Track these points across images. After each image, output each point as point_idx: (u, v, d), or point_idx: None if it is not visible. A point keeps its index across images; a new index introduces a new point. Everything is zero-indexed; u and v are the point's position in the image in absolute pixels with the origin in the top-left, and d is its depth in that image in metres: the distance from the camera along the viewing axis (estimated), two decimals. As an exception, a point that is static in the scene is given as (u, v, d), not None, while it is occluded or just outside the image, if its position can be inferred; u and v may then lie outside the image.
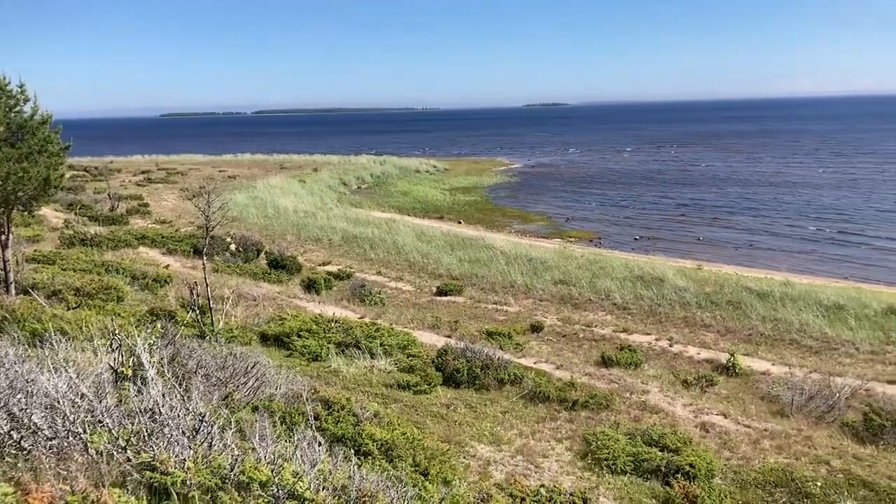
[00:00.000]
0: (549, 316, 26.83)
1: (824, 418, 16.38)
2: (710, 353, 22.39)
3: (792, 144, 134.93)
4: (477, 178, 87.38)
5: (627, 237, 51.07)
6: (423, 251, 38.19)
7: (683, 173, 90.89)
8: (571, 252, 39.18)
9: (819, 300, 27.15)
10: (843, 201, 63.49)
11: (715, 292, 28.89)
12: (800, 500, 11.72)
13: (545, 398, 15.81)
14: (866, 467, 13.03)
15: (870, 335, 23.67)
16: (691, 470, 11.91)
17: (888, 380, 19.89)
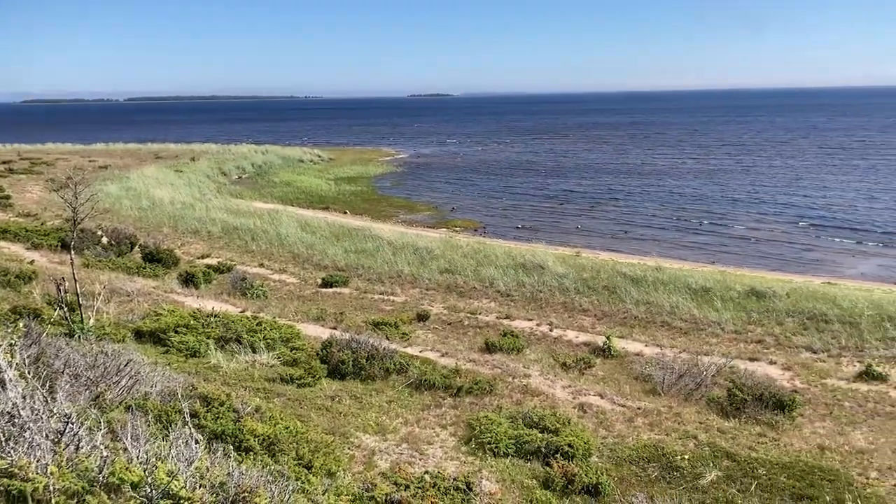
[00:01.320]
0: (436, 304, 27.07)
1: (693, 395, 17.34)
2: (587, 336, 23.25)
3: (658, 136, 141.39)
4: (363, 168, 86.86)
5: (510, 226, 52.18)
6: (308, 242, 37.66)
7: (560, 164, 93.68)
8: (457, 241, 39.64)
9: (688, 284, 28.65)
10: (704, 190, 67.16)
11: (592, 278, 29.96)
12: (670, 473, 12.38)
13: (431, 386, 15.97)
14: (730, 439, 13.90)
15: (733, 316, 25.21)
16: (570, 450, 12.35)
17: (750, 357, 21.30)
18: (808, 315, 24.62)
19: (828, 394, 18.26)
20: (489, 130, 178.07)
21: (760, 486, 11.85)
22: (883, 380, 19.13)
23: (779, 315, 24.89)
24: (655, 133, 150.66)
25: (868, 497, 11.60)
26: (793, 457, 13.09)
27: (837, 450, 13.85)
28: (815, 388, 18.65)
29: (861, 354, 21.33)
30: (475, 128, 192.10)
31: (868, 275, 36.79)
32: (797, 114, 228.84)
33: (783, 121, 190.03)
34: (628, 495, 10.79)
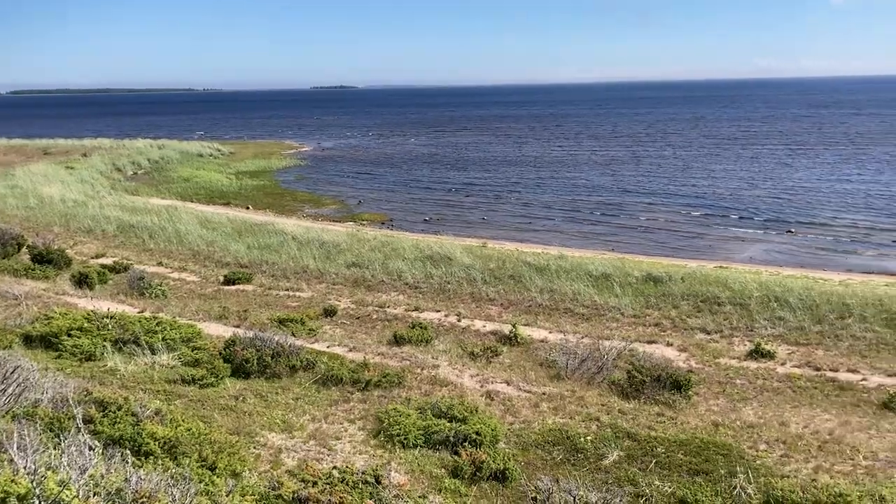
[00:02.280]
0: (343, 299, 26.86)
1: (595, 379, 17.86)
2: (494, 325, 23.58)
3: (557, 128, 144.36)
4: (265, 162, 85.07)
5: (417, 218, 52.29)
6: (209, 239, 36.64)
7: (463, 156, 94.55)
8: (364, 235, 39.43)
9: (589, 271, 29.45)
10: (602, 180, 69.13)
11: (498, 268, 30.40)
12: (574, 455, 12.74)
13: (338, 381, 15.86)
14: (630, 420, 14.41)
15: (632, 301, 26.08)
16: (478, 437, 12.52)
17: (648, 340, 22.10)
18: (701, 298, 25.72)
19: (721, 372, 19.17)
20: (393, 123, 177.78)
21: (659, 464, 12.34)
22: (771, 357, 20.22)
23: (675, 299, 25.90)
24: (554, 125, 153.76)
25: (758, 468, 12.25)
26: (689, 434, 13.69)
27: (730, 425, 14.56)
28: (709, 368, 19.54)
29: (751, 334, 22.48)
30: (380, 120, 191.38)
31: (756, 258, 38.78)
32: (687, 105, 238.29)
33: (674, 112, 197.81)
34: (534, 479, 11.03)
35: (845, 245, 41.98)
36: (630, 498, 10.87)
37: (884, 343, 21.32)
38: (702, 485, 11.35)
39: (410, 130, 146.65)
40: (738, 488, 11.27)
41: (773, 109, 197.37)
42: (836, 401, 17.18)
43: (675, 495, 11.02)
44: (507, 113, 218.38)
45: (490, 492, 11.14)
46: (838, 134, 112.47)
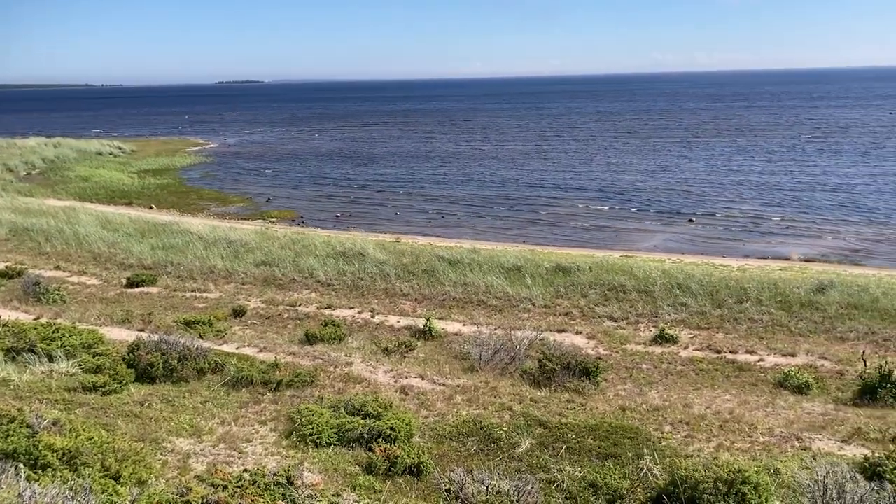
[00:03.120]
0: (253, 299, 26.31)
1: (507, 369, 18.12)
2: (408, 320, 23.58)
3: (465, 123, 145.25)
4: (169, 160, 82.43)
5: (329, 214, 51.77)
6: (110, 240, 35.21)
7: (373, 150, 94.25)
8: (273, 232, 38.71)
9: (501, 263, 29.82)
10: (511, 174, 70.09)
11: (412, 263, 30.40)
12: (488, 445, 12.88)
13: (249, 382, 15.53)
14: (542, 408, 14.67)
15: (543, 291, 26.56)
16: (392, 433, 12.50)
17: (558, 329, 22.55)
18: (609, 287, 26.43)
19: (627, 358, 19.76)
20: (301, 118, 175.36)
21: (570, 450, 12.63)
22: (674, 342, 20.98)
23: (583, 288, 26.52)
24: (462, 120, 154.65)
25: (663, 449, 12.70)
26: (598, 419, 14.05)
27: (637, 409, 15.03)
28: (616, 354, 20.11)
29: (655, 320, 23.26)
30: (287, 115, 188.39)
31: (659, 247, 40.16)
32: (590, 100, 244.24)
33: (577, 106, 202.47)
34: (449, 471, 11.10)
35: (742, 232, 43.98)
36: (542, 484, 11.08)
37: (779, 324, 22.43)
38: (611, 468, 11.67)
39: (319, 126, 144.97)
40: (645, 469, 11.65)
41: (670, 103, 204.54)
42: (735, 381, 17.98)
43: (585, 479, 11.29)
44: (416, 108, 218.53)
45: (405, 486, 11.15)
46: (731, 126, 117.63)
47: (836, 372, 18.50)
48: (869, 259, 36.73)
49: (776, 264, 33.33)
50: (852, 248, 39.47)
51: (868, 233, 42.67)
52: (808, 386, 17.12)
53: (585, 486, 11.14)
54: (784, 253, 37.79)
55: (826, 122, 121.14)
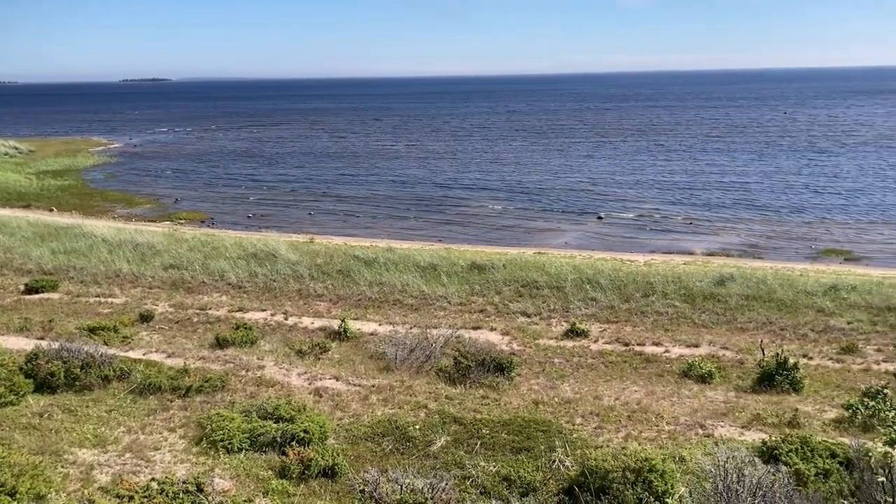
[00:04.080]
0: (161, 303, 25.50)
1: (423, 367, 18.18)
2: (323, 321, 23.33)
3: (376, 123, 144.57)
4: (71, 160, 78.96)
5: (240, 215, 50.69)
6: (6, 245, 33.49)
7: (284, 149, 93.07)
8: (182, 234, 37.61)
9: (417, 262, 29.87)
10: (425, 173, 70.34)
11: (326, 263, 30.10)
12: (404, 444, 12.91)
13: (157, 389, 15.07)
14: (457, 405, 14.80)
15: (458, 289, 26.76)
16: (306, 435, 12.36)
17: (473, 326, 22.77)
18: (522, 283, 26.85)
19: (540, 353, 20.13)
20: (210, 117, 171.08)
21: (484, 445, 12.78)
22: (585, 336, 21.51)
23: (497, 285, 26.86)
24: (373, 119, 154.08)
25: (574, 441, 13.01)
26: (512, 414, 14.27)
27: (549, 402, 15.34)
28: (529, 349, 20.46)
29: (567, 315, 23.77)
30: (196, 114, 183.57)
31: (570, 244, 41.06)
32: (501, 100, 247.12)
33: (488, 106, 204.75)
34: (363, 471, 11.06)
35: (648, 229, 45.45)
36: (457, 480, 11.18)
37: (683, 317, 23.30)
38: (524, 461, 11.88)
39: (227, 125, 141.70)
40: (557, 461, 11.91)
41: (578, 103, 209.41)
42: (643, 373, 18.57)
43: (499, 474, 11.45)
44: (327, 107, 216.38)
45: (319, 489, 11.05)
46: (635, 126, 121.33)
47: (737, 361, 19.35)
48: (766, 252, 38.56)
49: (680, 259, 34.60)
50: (750, 242, 41.35)
51: (764, 228, 44.79)
52: (711, 375, 17.84)
53: (500, 481, 11.30)
54: (687, 248, 39.25)
55: (724, 122, 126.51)
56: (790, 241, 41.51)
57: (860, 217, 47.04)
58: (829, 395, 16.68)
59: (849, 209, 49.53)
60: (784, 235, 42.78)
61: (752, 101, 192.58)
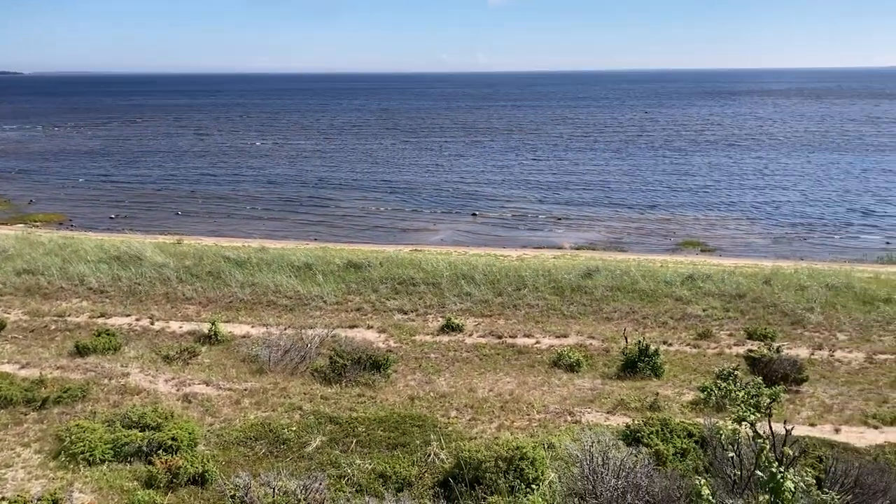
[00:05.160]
0: (13, 311, 23.83)
1: (298, 368, 17.91)
2: (192, 325, 22.53)
3: (240, 120, 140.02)
4: None
5: (102, 216, 48.13)
6: None
7: (147, 147, 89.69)
8: (37, 237, 35.26)
9: (291, 262, 29.35)
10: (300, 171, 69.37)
11: (195, 265, 29.05)
12: (278, 447, 12.69)
13: (8, 402, 14.10)
14: (332, 405, 14.70)
15: (334, 288, 26.51)
16: (174, 443, 11.92)
17: (350, 325, 22.64)
18: (399, 281, 26.94)
19: (417, 349, 20.28)
20: (65, 112, 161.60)
21: (360, 443, 12.77)
22: (460, 330, 21.85)
23: (374, 283, 26.82)
24: (238, 116, 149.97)
25: (449, 434, 13.21)
26: (388, 411, 14.32)
27: (425, 397, 15.50)
28: (406, 346, 20.57)
29: (443, 310, 24.06)
30: (49, 110, 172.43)
31: (446, 240, 41.60)
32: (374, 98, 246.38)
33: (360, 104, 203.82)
34: (234, 476, 10.80)
35: (520, 224, 46.72)
36: (332, 480, 11.11)
37: (553, 309, 24.09)
38: (400, 457, 11.96)
39: (87, 122, 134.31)
40: (432, 455, 12.07)
41: (451, 102, 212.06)
42: (515, 364, 19.08)
43: (375, 471, 11.48)
44: (192, 103, 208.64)
45: (188, 497, 10.70)
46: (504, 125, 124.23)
47: (603, 349, 20.23)
48: (629, 245, 40.51)
49: (550, 253, 35.78)
50: (615, 236, 43.31)
51: (627, 222, 47.02)
52: (579, 364, 18.57)
53: (375, 478, 11.32)
54: (557, 242, 40.67)
55: (587, 121, 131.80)
56: (651, 234, 43.80)
57: (713, 211, 50.24)
58: (686, 378, 17.73)
59: (703, 204, 52.81)
60: (646, 229, 45.08)
61: (614, 101, 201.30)
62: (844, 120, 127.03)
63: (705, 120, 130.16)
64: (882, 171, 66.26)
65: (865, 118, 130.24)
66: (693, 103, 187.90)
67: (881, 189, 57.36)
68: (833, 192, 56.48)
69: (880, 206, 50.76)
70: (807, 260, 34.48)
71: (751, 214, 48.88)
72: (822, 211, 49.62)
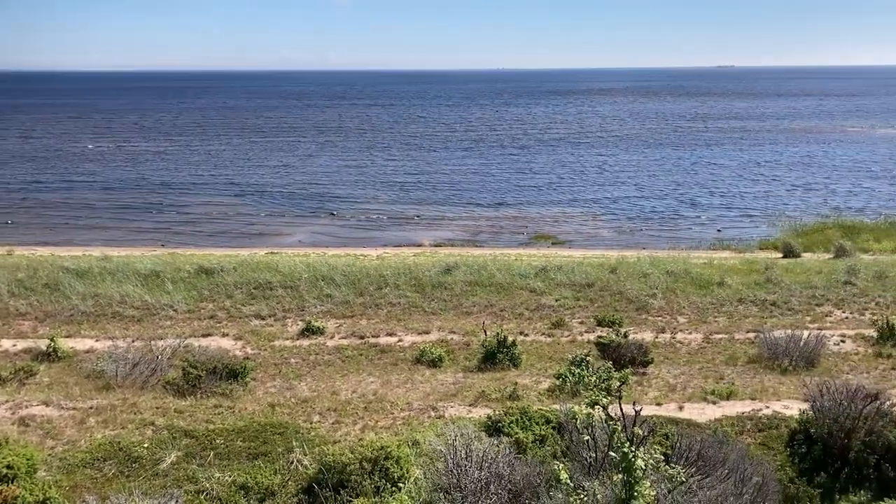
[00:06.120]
0: None
1: (149, 382, 16.99)
2: (28, 342, 20.84)
3: (74, 121, 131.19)
4: None
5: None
6: None
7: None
8: None
9: (137, 270, 27.82)
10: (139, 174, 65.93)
11: (29, 277, 26.92)
12: (129, 466, 11.97)
13: None
14: (187, 418, 14.04)
15: (186, 296, 25.38)
16: (9, 471, 10.97)
17: (204, 333, 21.77)
18: (254, 285, 26.17)
19: (276, 354, 19.80)
20: None
21: (219, 455, 12.28)
22: (321, 333, 21.53)
23: (228, 288, 25.91)
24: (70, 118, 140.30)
25: (312, 439, 12.96)
26: (247, 420, 13.85)
27: (286, 404, 15.14)
28: (265, 352, 20.02)
29: (302, 313, 23.62)
30: None
31: (304, 241, 40.94)
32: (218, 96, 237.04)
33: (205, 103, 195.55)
34: (80, 501, 10.09)
35: (379, 223, 46.72)
36: (190, 495, 10.62)
37: (414, 306, 24.26)
38: (261, 467, 11.61)
39: None
40: (295, 462, 11.80)
41: (300, 100, 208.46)
42: (378, 364, 19.05)
43: (235, 483, 11.08)
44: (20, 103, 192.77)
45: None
46: (357, 124, 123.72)
47: (464, 343, 20.60)
48: (486, 241, 41.51)
49: (410, 251, 36.02)
50: (473, 232, 44.25)
51: (484, 218, 48.13)
52: (441, 359, 18.80)
53: (236, 490, 10.93)
54: (416, 240, 40.99)
55: (438, 120, 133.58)
56: (505, 229, 45.08)
57: (561, 206, 52.37)
58: (543, 367, 18.36)
59: (551, 199, 55.00)
60: (500, 224, 46.35)
61: (464, 101, 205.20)
62: (676, 117, 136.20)
63: (550, 118, 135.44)
64: (708, 164, 71.62)
65: (694, 115, 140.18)
66: (538, 102, 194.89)
67: (708, 181, 61.98)
68: (667, 184, 60.47)
69: (706, 198, 54.78)
70: (648, 249, 36.67)
71: (596, 208, 51.41)
72: (657, 203, 53.00)
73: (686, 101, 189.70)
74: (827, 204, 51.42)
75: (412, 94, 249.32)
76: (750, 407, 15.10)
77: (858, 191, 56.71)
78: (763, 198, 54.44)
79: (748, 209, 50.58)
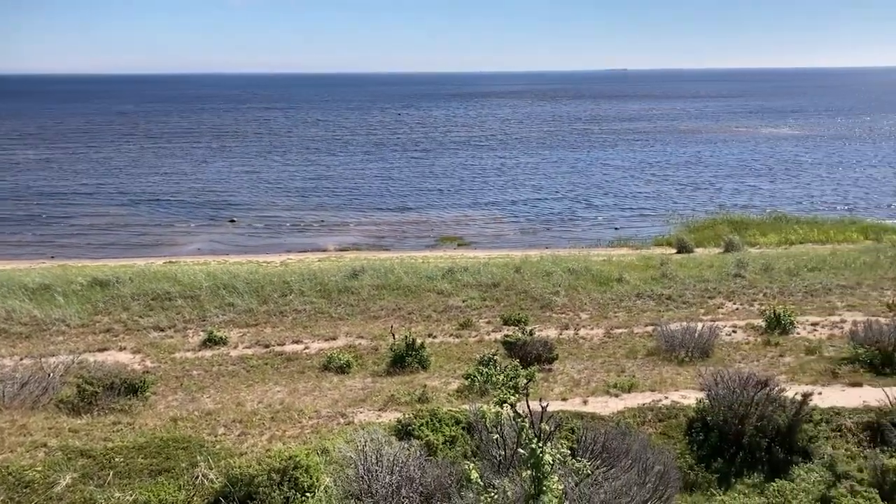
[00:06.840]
0: None
1: (40, 401, 16.07)
2: None
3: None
4: None
5: None
6: None
7: None
8: None
9: (24, 284, 26.39)
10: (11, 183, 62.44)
11: None
12: (19, 491, 11.32)
13: None
14: (83, 437, 13.37)
15: (79, 309, 24.21)
16: None
17: (99, 348, 20.81)
18: (152, 296, 25.25)
19: (177, 367, 19.12)
20: None
21: (119, 475, 11.76)
22: (224, 343, 20.96)
23: (125, 300, 24.90)
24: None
25: (218, 452, 12.59)
26: (148, 436, 13.32)
27: (189, 417, 14.65)
28: (165, 365, 19.31)
29: (204, 324, 22.92)
30: None
31: (203, 249, 39.77)
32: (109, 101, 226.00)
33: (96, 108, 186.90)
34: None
35: (282, 229, 45.94)
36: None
37: (320, 312, 23.96)
38: (164, 483, 11.20)
39: None
40: (200, 476, 11.45)
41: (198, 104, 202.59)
42: (285, 372, 18.69)
43: (137, 502, 10.66)
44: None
45: None
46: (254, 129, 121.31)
47: (372, 348, 20.49)
48: (393, 244, 41.47)
49: (315, 256, 35.60)
50: (379, 235, 44.10)
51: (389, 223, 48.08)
52: (349, 365, 18.63)
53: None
54: (321, 245, 40.53)
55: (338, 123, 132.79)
56: (411, 232, 45.16)
57: (464, 208, 52.93)
58: (452, 368, 18.48)
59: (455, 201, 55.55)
60: (405, 228, 46.40)
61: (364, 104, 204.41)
62: (572, 119, 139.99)
63: (450, 121, 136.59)
64: (603, 165, 73.99)
65: (590, 117, 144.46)
66: (438, 105, 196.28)
67: (603, 182, 64.01)
68: (565, 185, 62.06)
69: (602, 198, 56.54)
70: (551, 248, 37.55)
71: (497, 209, 52.16)
72: (556, 204, 54.29)
73: (581, 104, 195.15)
74: (713, 201, 53.99)
75: (312, 97, 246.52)
76: (650, 398, 15.65)
77: (743, 188, 59.77)
78: (655, 197, 56.64)
79: (642, 208, 52.52)
